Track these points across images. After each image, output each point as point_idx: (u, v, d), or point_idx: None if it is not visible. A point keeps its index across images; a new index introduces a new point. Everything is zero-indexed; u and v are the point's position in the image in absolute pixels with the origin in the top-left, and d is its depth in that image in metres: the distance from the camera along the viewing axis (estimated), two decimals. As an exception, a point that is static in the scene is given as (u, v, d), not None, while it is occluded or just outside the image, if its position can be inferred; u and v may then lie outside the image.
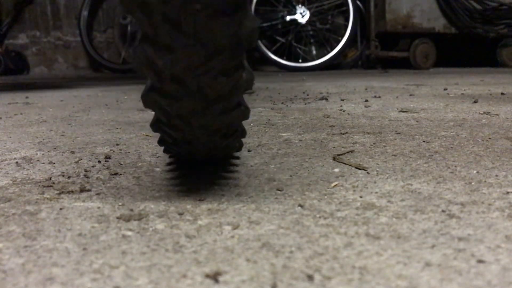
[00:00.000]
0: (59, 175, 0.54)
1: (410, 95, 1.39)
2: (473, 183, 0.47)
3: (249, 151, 0.64)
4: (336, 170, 0.54)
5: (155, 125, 0.49)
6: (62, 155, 0.63)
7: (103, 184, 0.50)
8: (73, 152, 0.65)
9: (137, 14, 0.36)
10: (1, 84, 2.36)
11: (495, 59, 3.34)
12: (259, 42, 3.26)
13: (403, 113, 0.98)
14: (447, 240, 0.34)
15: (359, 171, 0.53)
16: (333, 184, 0.48)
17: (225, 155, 0.57)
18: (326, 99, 1.32)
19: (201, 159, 0.55)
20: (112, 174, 0.54)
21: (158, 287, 0.28)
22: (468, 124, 0.80)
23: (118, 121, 0.94)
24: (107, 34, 3.78)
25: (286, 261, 0.31)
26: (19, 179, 0.52)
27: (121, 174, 0.54)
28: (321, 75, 2.83)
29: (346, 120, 0.90)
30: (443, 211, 0.40)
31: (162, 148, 0.63)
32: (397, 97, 1.34)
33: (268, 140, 0.70)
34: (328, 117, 0.95)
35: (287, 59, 3.31)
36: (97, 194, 0.47)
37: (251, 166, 0.56)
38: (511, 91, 1.38)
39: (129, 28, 3.44)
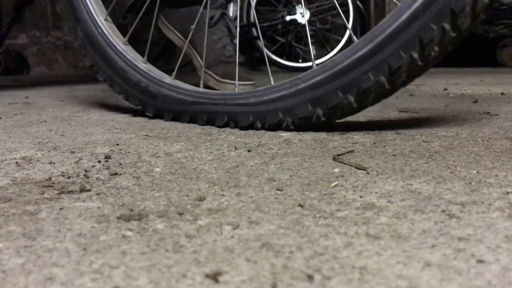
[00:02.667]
0: (59, 175, 0.54)
1: (410, 95, 1.39)
2: (473, 183, 0.47)
3: (249, 151, 0.64)
4: (336, 170, 0.54)
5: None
6: (62, 155, 0.63)
7: (103, 184, 0.50)
8: (73, 152, 0.65)
9: None
10: (1, 84, 2.36)
11: (495, 59, 3.34)
12: (259, 42, 3.26)
13: (403, 113, 0.98)
14: (447, 240, 0.34)
15: (359, 171, 0.53)
16: (333, 184, 0.48)
17: None
18: (326, 99, 1.32)
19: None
20: (112, 174, 0.54)
21: (158, 287, 0.28)
22: (468, 124, 0.80)
23: (118, 121, 0.94)
24: (107, 34, 3.78)
25: (286, 261, 0.31)
26: (19, 179, 0.52)
27: (121, 174, 0.54)
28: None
29: (346, 119, 0.90)
30: (443, 211, 0.40)
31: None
32: (397, 97, 1.34)
33: (268, 140, 0.70)
34: (328, 117, 0.95)
35: (287, 59, 3.31)
36: (97, 194, 0.47)
37: (251, 166, 0.56)
38: (511, 91, 1.38)
39: (129, 28, 3.44)
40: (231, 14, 2.45)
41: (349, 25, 3.15)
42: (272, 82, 0.77)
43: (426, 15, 0.62)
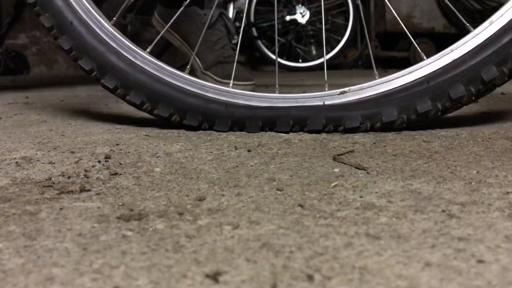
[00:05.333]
0: (59, 175, 0.54)
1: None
2: (473, 183, 0.47)
3: (249, 151, 0.64)
4: (336, 170, 0.54)
5: None
6: (62, 155, 0.63)
7: (103, 184, 0.50)
8: (73, 152, 0.65)
9: None
10: (1, 84, 2.36)
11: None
12: (259, 42, 3.26)
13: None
14: (447, 240, 0.34)
15: (359, 171, 0.53)
16: (333, 184, 0.48)
17: None
18: (326, 99, 1.32)
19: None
20: (112, 174, 0.54)
21: (158, 287, 0.28)
22: (468, 124, 0.80)
23: (118, 121, 0.94)
24: (107, 34, 3.77)
25: (286, 261, 0.31)
26: (19, 179, 0.52)
27: (121, 174, 0.54)
28: (321, 75, 2.83)
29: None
30: (443, 211, 0.40)
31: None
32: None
33: (268, 140, 0.70)
34: (328, 117, 0.95)
35: (287, 59, 3.31)
36: (97, 194, 0.47)
37: (251, 166, 0.56)
38: (511, 91, 1.38)
39: (129, 28, 3.44)
40: (231, 14, 2.45)
41: (349, 25, 3.15)
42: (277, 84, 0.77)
43: None
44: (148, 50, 0.80)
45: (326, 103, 0.73)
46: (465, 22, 0.71)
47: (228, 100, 0.76)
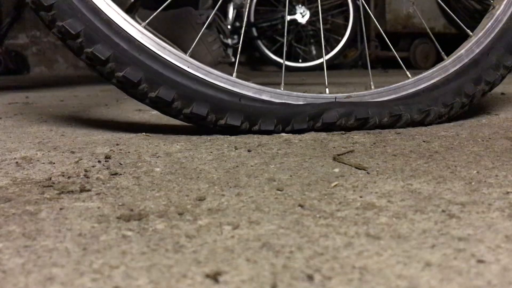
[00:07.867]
0: (59, 175, 0.54)
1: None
2: (473, 183, 0.47)
3: (249, 151, 0.64)
4: (336, 170, 0.54)
5: None
6: (62, 155, 0.63)
7: (103, 184, 0.50)
8: (73, 152, 0.65)
9: None
10: (1, 84, 2.36)
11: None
12: (259, 42, 3.26)
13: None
14: (447, 240, 0.34)
15: (359, 171, 0.53)
16: (333, 184, 0.48)
17: None
18: (326, 99, 1.32)
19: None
20: (112, 174, 0.54)
21: (158, 287, 0.28)
22: (468, 124, 0.80)
23: (118, 121, 0.94)
24: (107, 34, 3.77)
25: (286, 261, 0.31)
26: (19, 179, 0.52)
27: (121, 174, 0.54)
28: (321, 75, 2.83)
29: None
30: (443, 211, 0.40)
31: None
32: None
33: (268, 140, 0.70)
34: (328, 117, 0.95)
35: (287, 59, 3.31)
36: (97, 194, 0.47)
37: (251, 166, 0.56)
38: (511, 91, 1.38)
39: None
40: (230, 14, 2.45)
41: (349, 25, 3.15)
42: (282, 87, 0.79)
43: None
44: (142, 25, 0.70)
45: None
46: (440, 50, 0.86)
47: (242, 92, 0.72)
